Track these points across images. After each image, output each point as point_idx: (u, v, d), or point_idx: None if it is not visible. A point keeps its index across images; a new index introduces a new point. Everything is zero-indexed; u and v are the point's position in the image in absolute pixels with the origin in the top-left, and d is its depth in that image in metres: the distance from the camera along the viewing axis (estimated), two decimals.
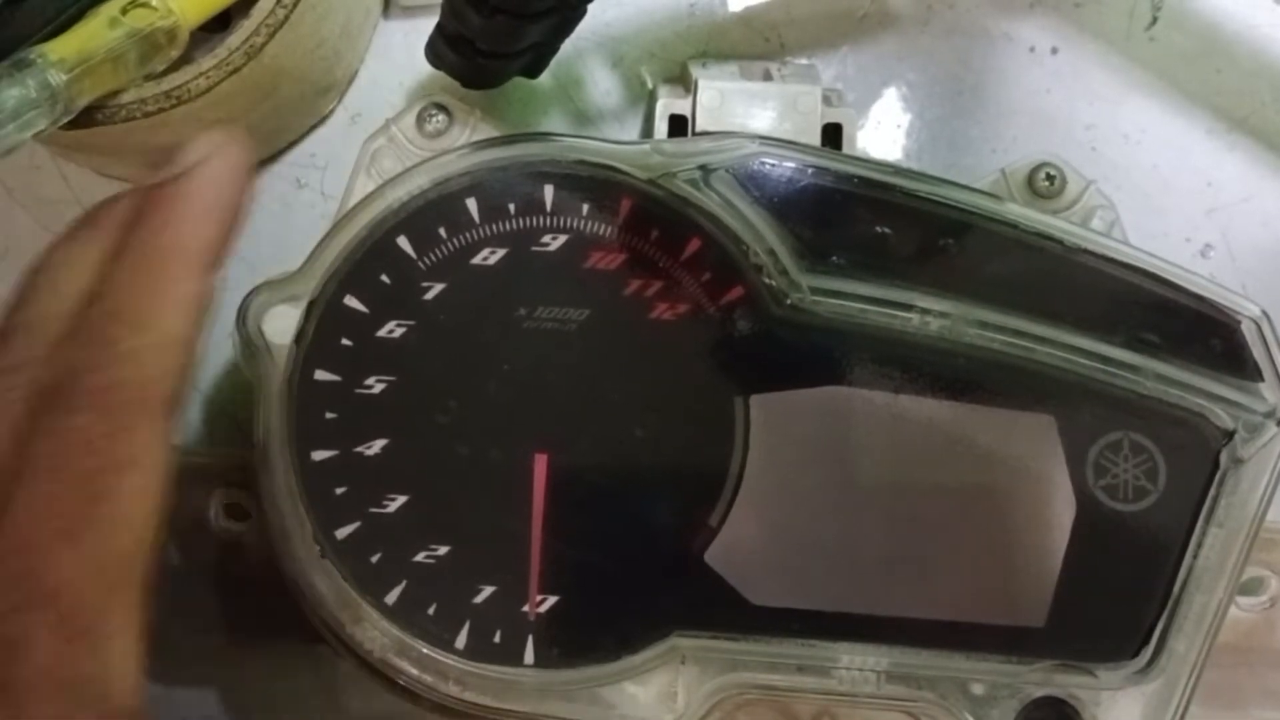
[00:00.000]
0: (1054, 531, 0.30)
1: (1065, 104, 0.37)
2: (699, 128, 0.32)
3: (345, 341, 0.30)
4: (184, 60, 0.31)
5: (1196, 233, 0.36)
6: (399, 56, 0.36)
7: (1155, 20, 0.36)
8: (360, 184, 0.32)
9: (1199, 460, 0.30)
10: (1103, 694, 0.30)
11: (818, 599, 0.30)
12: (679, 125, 0.33)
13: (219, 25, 0.32)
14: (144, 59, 0.30)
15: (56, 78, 0.28)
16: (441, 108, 0.33)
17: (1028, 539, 0.30)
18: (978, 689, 0.30)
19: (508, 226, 0.31)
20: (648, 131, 0.35)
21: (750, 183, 0.30)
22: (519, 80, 0.32)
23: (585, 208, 0.30)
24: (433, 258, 0.31)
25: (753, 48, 0.37)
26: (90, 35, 0.29)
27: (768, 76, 0.34)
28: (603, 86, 0.37)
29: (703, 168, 0.30)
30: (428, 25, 0.31)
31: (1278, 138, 0.36)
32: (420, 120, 0.33)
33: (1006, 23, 0.37)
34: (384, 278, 0.30)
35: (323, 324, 0.30)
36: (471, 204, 0.31)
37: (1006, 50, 0.37)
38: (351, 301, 0.30)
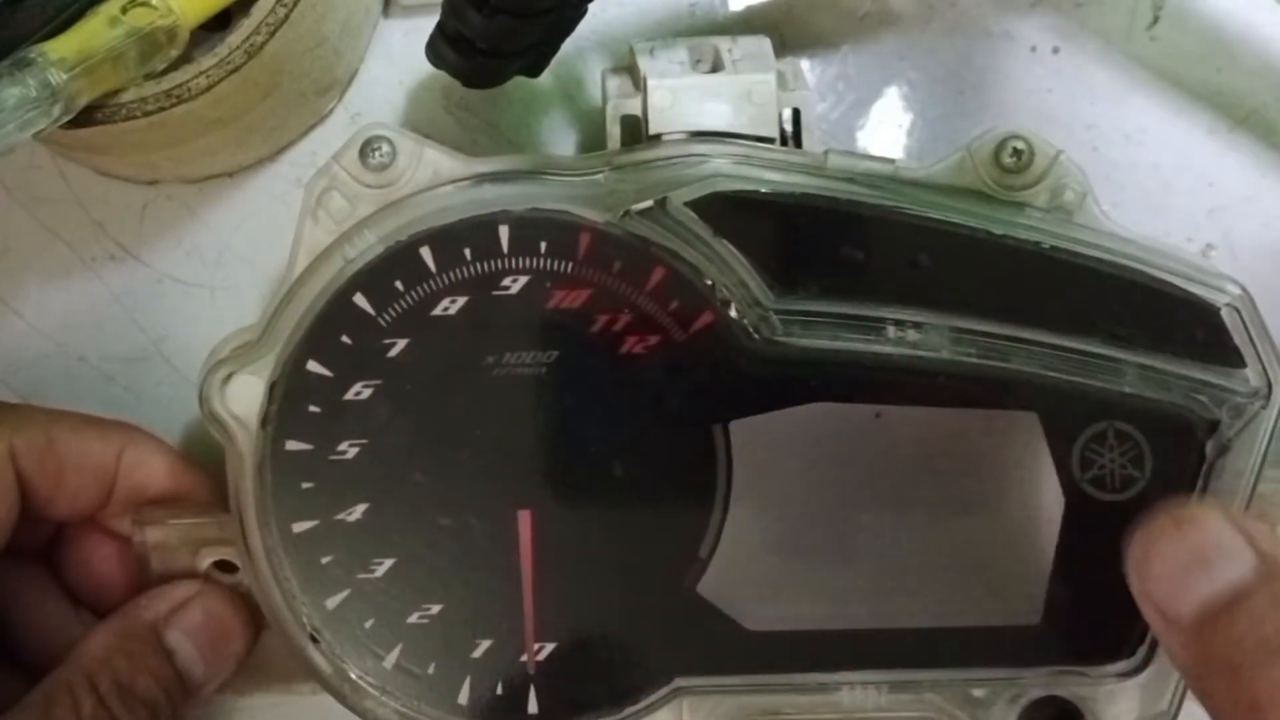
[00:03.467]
0: (1044, 528, 0.30)
1: (1066, 103, 0.36)
2: (652, 129, 0.31)
3: (313, 408, 0.30)
4: (184, 59, 0.31)
5: (1198, 232, 0.36)
6: (399, 56, 0.36)
7: (1157, 19, 0.36)
8: (308, 228, 0.31)
9: (1185, 445, 0.30)
10: (1101, 689, 0.30)
11: (815, 619, 0.30)
12: (631, 126, 0.31)
13: (219, 24, 0.32)
14: (144, 58, 0.30)
15: (57, 77, 0.28)
16: (384, 139, 0.31)
17: (1019, 538, 0.30)
18: (979, 692, 0.30)
19: (466, 273, 0.30)
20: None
21: (710, 213, 0.29)
22: (519, 80, 0.31)
23: (543, 247, 0.29)
24: (392, 313, 0.30)
25: None
26: (90, 34, 0.29)
27: (717, 59, 0.33)
28: None
29: (661, 203, 0.29)
30: (428, 24, 0.30)
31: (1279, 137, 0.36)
32: (364, 154, 0.31)
33: (1008, 22, 0.36)
34: (345, 339, 0.30)
35: (289, 393, 0.30)
36: (426, 254, 0.30)
37: (1008, 49, 0.36)
38: (315, 367, 0.30)
